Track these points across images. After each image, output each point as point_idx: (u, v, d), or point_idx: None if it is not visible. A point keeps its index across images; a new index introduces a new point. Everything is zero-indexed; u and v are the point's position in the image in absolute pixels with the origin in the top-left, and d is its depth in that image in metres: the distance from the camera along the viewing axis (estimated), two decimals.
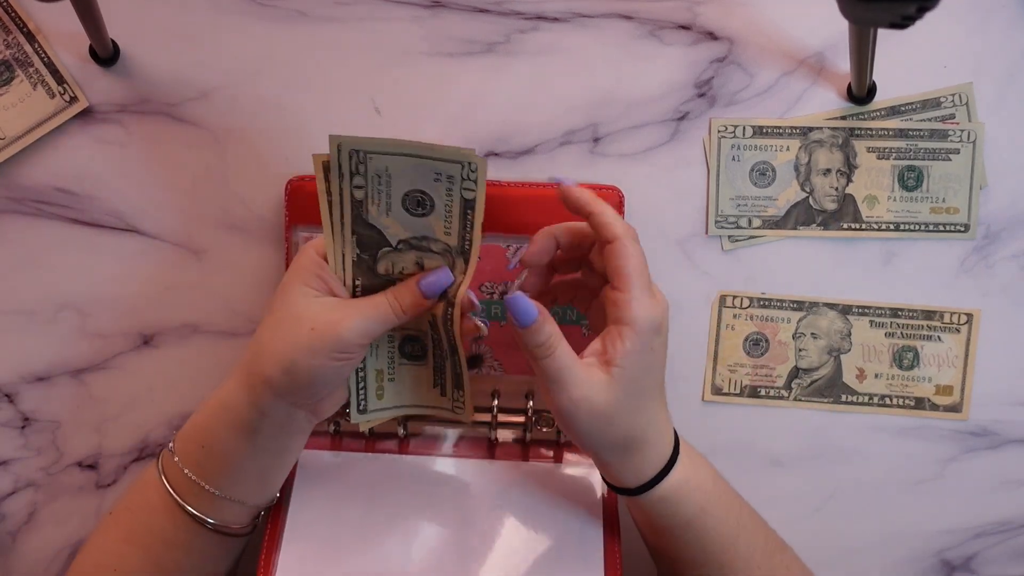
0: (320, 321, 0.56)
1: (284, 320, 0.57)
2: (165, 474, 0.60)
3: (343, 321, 0.56)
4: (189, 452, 0.60)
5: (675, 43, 0.69)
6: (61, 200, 0.70)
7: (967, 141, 0.69)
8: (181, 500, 0.60)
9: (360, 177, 0.55)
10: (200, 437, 0.60)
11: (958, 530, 0.72)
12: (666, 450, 0.59)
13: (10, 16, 0.68)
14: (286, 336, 0.57)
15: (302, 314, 0.57)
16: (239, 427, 0.59)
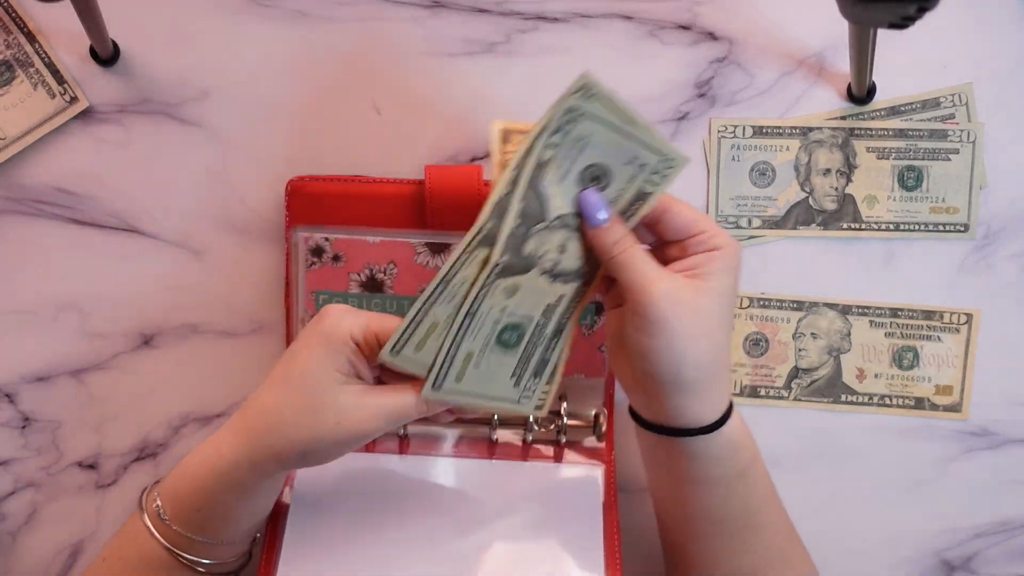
0: (347, 417, 0.55)
1: (308, 406, 0.55)
2: (157, 530, 0.58)
3: (370, 421, 0.55)
4: (183, 514, 0.58)
5: (675, 43, 0.69)
6: (61, 200, 0.70)
7: (967, 141, 0.69)
8: (179, 552, 0.58)
9: (559, 135, 0.54)
10: (195, 501, 0.58)
11: (958, 530, 0.72)
12: (720, 404, 0.57)
13: (10, 16, 0.68)
14: (310, 423, 0.55)
15: (328, 404, 0.55)
16: (239, 491, 0.58)
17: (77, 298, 0.71)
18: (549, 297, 0.57)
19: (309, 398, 0.55)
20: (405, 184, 0.68)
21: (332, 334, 0.55)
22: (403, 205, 0.67)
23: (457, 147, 0.69)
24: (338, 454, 0.57)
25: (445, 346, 0.56)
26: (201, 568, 0.59)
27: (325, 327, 0.55)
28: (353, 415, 0.55)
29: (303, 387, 0.55)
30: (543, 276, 0.56)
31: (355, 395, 0.55)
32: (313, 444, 0.56)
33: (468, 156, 0.69)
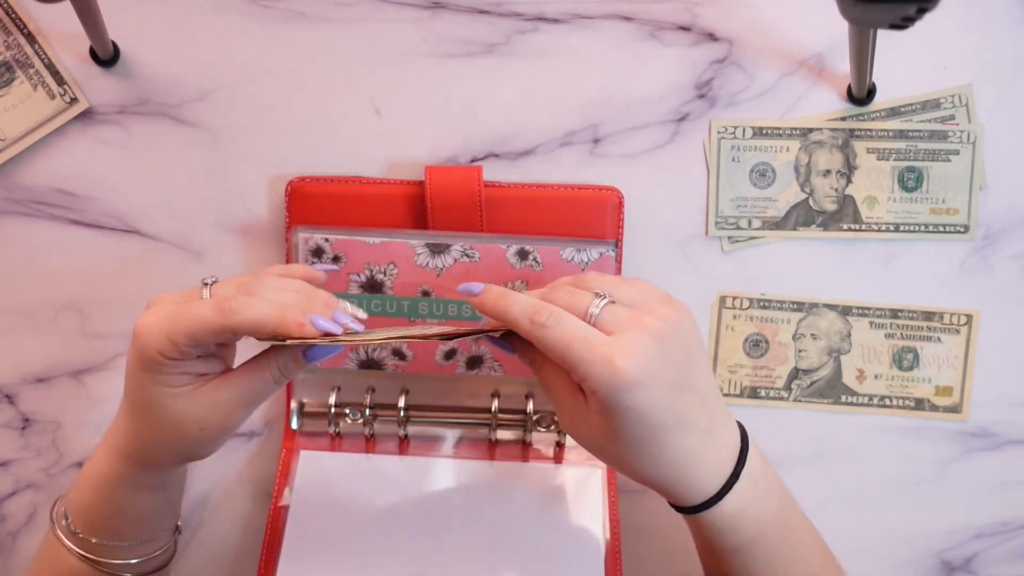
0: (208, 421, 0.55)
1: (164, 431, 0.55)
2: (73, 544, 0.59)
3: (231, 415, 0.55)
4: (96, 524, 0.58)
5: (675, 44, 0.69)
6: (61, 201, 0.70)
7: (967, 142, 0.69)
8: (100, 560, 0.59)
9: None
10: (104, 510, 0.58)
11: (958, 531, 0.72)
12: (708, 484, 0.53)
13: (10, 17, 0.68)
14: (176, 442, 0.55)
15: (182, 419, 0.54)
16: (143, 492, 0.58)
17: (77, 299, 0.71)
18: None
19: (162, 423, 0.55)
20: (405, 185, 0.68)
21: (147, 360, 0.53)
22: (403, 206, 0.67)
23: (457, 147, 0.69)
24: (217, 447, 0.57)
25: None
26: (129, 572, 0.60)
27: (137, 355, 0.53)
28: (212, 418, 0.55)
29: (151, 416, 0.55)
30: None
31: (206, 397, 0.54)
32: (187, 453, 0.56)
33: (468, 157, 0.69)
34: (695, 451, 0.52)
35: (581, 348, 0.50)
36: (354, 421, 0.69)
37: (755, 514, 0.54)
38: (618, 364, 0.49)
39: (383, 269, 0.67)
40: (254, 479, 0.72)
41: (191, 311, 0.52)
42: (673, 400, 0.51)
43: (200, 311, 0.52)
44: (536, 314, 0.52)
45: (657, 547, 0.71)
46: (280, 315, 0.52)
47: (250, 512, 0.72)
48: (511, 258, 0.66)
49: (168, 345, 0.52)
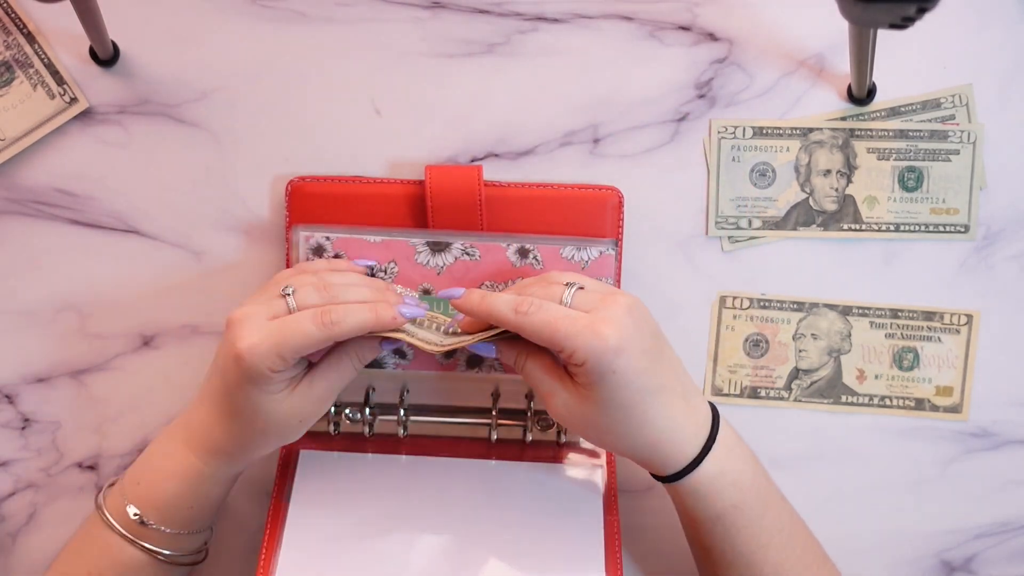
0: (307, 412, 0.61)
1: (271, 430, 0.60)
2: (137, 536, 0.62)
3: (325, 401, 0.61)
4: (174, 514, 0.62)
5: (675, 44, 0.69)
6: (61, 201, 0.70)
7: (967, 142, 0.69)
8: (161, 551, 0.62)
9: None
10: (186, 501, 0.62)
11: (958, 531, 0.72)
12: (689, 445, 0.58)
13: (10, 17, 0.68)
14: (279, 435, 0.61)
15: (286, 418, 0.60)
16: (229, 483, 0.64)
17: (77, 299, 0.71)
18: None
19: (266, 425, 0.60)
20: (406, 184, 0.68)
21: (257, 378, 0.57)
22: (404, 205, 0.67)
23: (457, 147, 0.69)
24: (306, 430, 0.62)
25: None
26: (189, 559, 0.64)
27: (246, 374, 0.57)
28: (309, 410, 0.60)
29: (256, 421, 0.60)
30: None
31: (303, 394, 0.60)
32: (284, 443, 0.62)
33: (468, 156, 0.69)
34: (675, 415, 0.58)
35: (566, 325, 0.56)
36: (354, 421, 0.69)
37: (733, 479, 0.59)
38: (602, 331, 0.55)
39: (384, 267, 0.67)
40: (254, 479, 0.72)
41: (296, 329, 0.57)
42: (652, 365, 0.57)
43: (305, 328, 0.57)
44: (519, 305, 0.57)
45: (657, 547, 0.71)
46: (375, 316, 0.58)
47: (250, 512, 0.72)
48: (511, 256, 0.66)
49: (279, 363, 0.57)
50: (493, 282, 0.67)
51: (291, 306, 0.59)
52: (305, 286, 0.60)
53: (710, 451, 0.59)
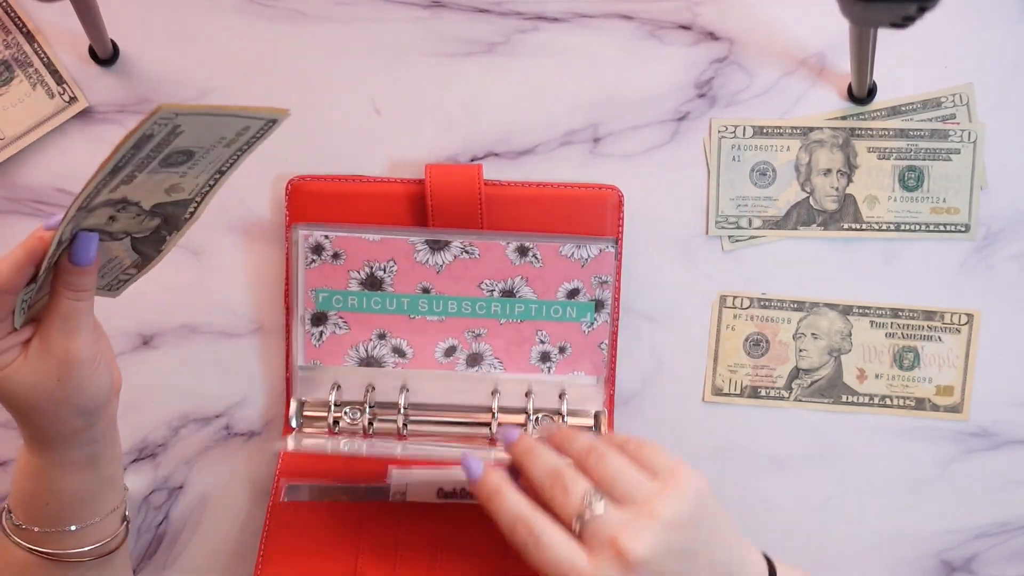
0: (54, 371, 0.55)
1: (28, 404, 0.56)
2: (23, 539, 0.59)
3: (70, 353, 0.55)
4: (38, 514, 0.59)
5: (675, 43, 0.69)
6: (61, 200, 0.70)
7: (967, 141, 0.69)
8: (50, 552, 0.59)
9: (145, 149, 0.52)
10: (39, 499, 0.59)
11: (958, 531, 0.72)
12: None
13: (9, 16, 0.68)
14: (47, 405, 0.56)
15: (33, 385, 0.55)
16: (73, 467, 0.59)
17: None
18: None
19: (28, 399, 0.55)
20: (406, 183, 0.68)
21: None
22: (404, 204, 0.67)
23: (457, 147, 0.69)
24: (98, 387, 0.57)
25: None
26: (86, 557, 0.60)
27: None
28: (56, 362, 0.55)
29: (13, 400, 0.55)
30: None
31: (39, 352, 0.55)
32: (70, 411, 0.56)
33: (468, 156, 0.69)
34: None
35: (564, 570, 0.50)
36: (353, 420, 0.69)
37: None
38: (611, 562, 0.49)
39: (383, 266, 0.67)
40: (253, 479, 0.72)
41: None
42: (690, 566, 0.50)
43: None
44: (515, 534, 0.52)
45: None
46: (21, 247, 0.52)
47: (249, 512, 0.72)
48: (511, 254, 0.66)
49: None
50: (492, 280, 0.67)
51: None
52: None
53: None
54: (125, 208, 0.54)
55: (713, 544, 0.51)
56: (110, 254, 0.57)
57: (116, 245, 0.56)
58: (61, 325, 0.55)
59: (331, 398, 0.69)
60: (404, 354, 0.68)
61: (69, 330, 0.55)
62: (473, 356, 0.68)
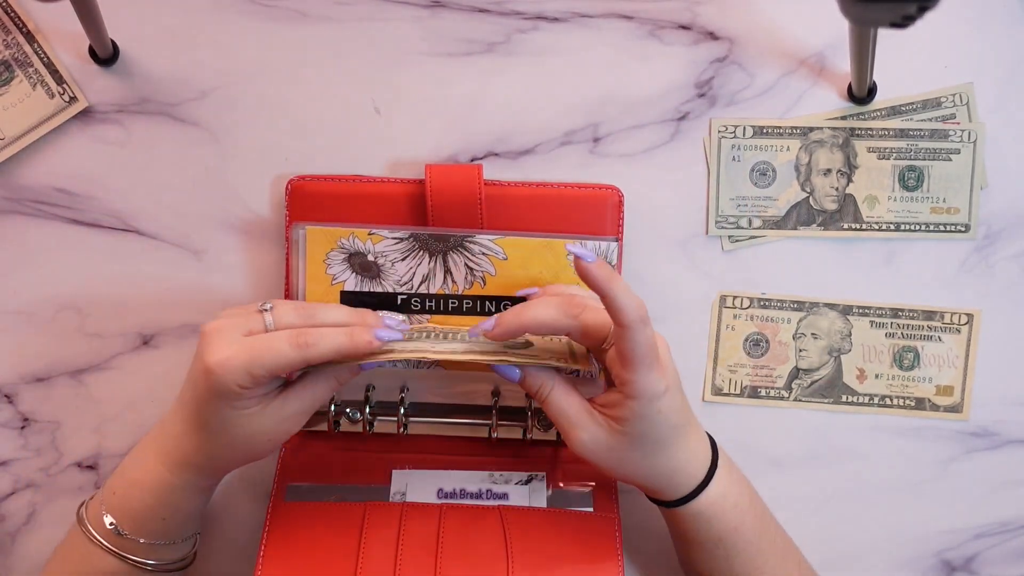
0: (278, 430, 0.59)
1: (239, 446, 0.59)
2: (114, 545, 0.62)
3: (295, 425, 0.60)
4: (147, 525, 0.62)
5: (675, 43, 0.69)
6: (60, 200, 0.70)
7: (967, 141, 0.69)
8: (141, 561, 0.62)
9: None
10: (158, 512, 0.61)
11: (958, 531, 0.72)
12: (699, 470, 0.60)
13: (10, 16, 0.68)
14: (248, 452, 0.60)
15: (256, 434, 0.59)
16: (202, 495, 0.63)
17: (76, 298, 0.70)
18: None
19: (234, 439, 0.59)
20: (406, 184, 0.68)
21: (226, 393, 0.56)
22: (404, 204, 0.67)
23: (457, 147, 0.69)
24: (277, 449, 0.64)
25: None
26: (168, 568, 0.64)
27: (215, 388, 0.56)
28: (280, 429, 0.59)
29: (224, 435, 0.58)
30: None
31: (275, 413, 0.58)
32: (252, 460, 0.61)
33: (468, 156, 0.69)
34: (692, 445, 0.60)
35: (652, 355, 0.56)
36: (354, 420, 0.69)
37: (735, 501, 0.61)
38: (665, 370, 0.57)
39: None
40: (254, 479, 0.72)
41: (270, 347, 0.56)
42: (682, 402, 0.59)
43: (279, 347, 0.56)
44: (643, 311, 0.55)
45: (657, 546, 0.71)
46: (351, 340, 0.57)
47: (250, 512, 0.72)
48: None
49: (249, 380, 0.56)
50: None
51: (268, 323, 0.57)
52: (284, 304, 0.59)
53: (714, 474, 0.60)
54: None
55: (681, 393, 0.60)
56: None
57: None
58: (308, 403, 0.59)
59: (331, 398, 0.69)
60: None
61: (307, 410, 0.60)
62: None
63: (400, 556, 0.62)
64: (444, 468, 0.68)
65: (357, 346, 0.57)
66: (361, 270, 0.66)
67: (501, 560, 0.62)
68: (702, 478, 0.60)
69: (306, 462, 0.69)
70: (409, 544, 0.63)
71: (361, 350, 0.57)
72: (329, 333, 0.56)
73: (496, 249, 0.65)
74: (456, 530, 0.63)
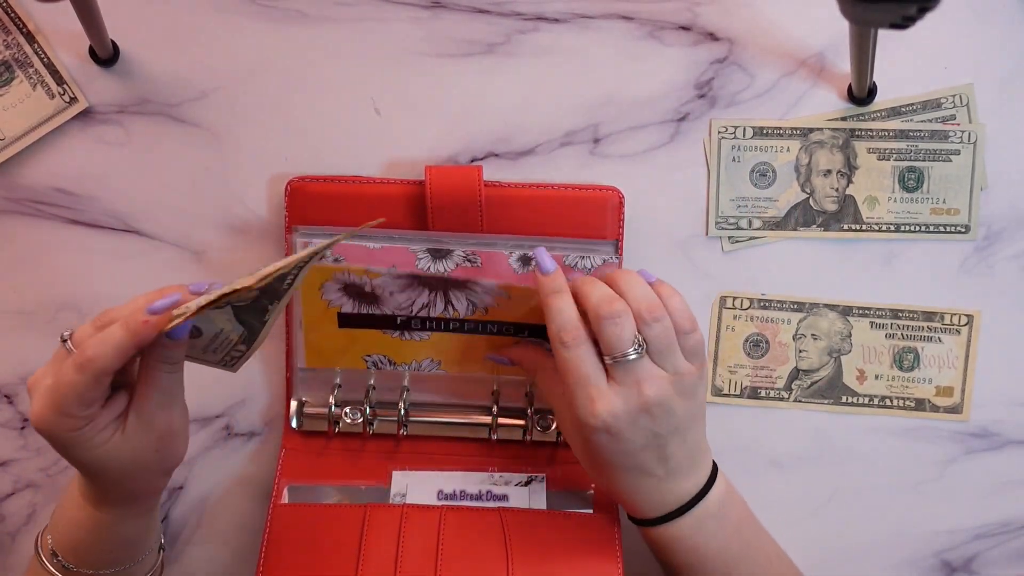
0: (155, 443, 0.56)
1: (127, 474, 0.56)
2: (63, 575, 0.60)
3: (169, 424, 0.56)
4: (92, 557, 0.60)
5: (675, 44, 0.69)
6: (61, 200, 0.70)
7: (967, 142, 0.69)
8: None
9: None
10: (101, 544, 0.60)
11: (958, 531, 0.72)
12: (653, 512, 0.61)
13: (10, 16, 0.68)
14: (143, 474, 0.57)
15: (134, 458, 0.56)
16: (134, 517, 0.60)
17: (77, 298, 0.71)
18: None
19: (120, 473, 0.56)
20: (406, 185, 0.68)
21: (67, 442, 0.54)
22: (403, 205, 0.67)
23: (457, 147, 0.69)
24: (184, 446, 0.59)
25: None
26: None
27: (56, 444, 0.54)
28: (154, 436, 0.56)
29: (106, 474, 0.56)
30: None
31: (137, 428, 0.55)
32: (160, 474, 0.59)
33: (468, 156, 0.69)
34: (642, 489, 0.60)
35: (575, 382, 0.58)
36: (354, 420, 0.69)
37: (693, 545, 0.61)
38: (597, 408, 0.57)
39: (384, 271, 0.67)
40: (254, 479, 0.72)
41: (65, 381, 0.52)
42: (633, 452, 0.59)
43: (70, 378, 0.52)
44: (562, 333, 0.58)
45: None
46: (126, 330, 0.52)
47: (250, 512, 0.72)
48: (513, 264, 0.66)
49: (69, 421, 0.53)
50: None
51: (70, 351, 0.54)
52: (85, 324, 0.55)
53: (672, 520, 0.60)
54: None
55: (695, 423, 0.61)
56: (215, 327, 0.57)
57: (218, 315, 0.57)
58: (160, 398, 0.55)
59: (331, 398, 0.69)
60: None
61: (168, 403, 0.56)
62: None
63: (400, 559, 0.62)
64: (444, 469, 0.68)
65: (137, 333, 0.52)
66: (359, 297, 0.66)
67: (501, 561, 0.62)
68: (655, 517, 0.61)
69: (306, 463, 0.69)
70: (409, 547, 0.63)
71: (141, 334, 0.52)
72: (107, 335, 0.52)
73: (499, 292, 0.65)
74: (456, 532, 0.63)
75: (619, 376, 0.58)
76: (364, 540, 0.63)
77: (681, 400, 0.59)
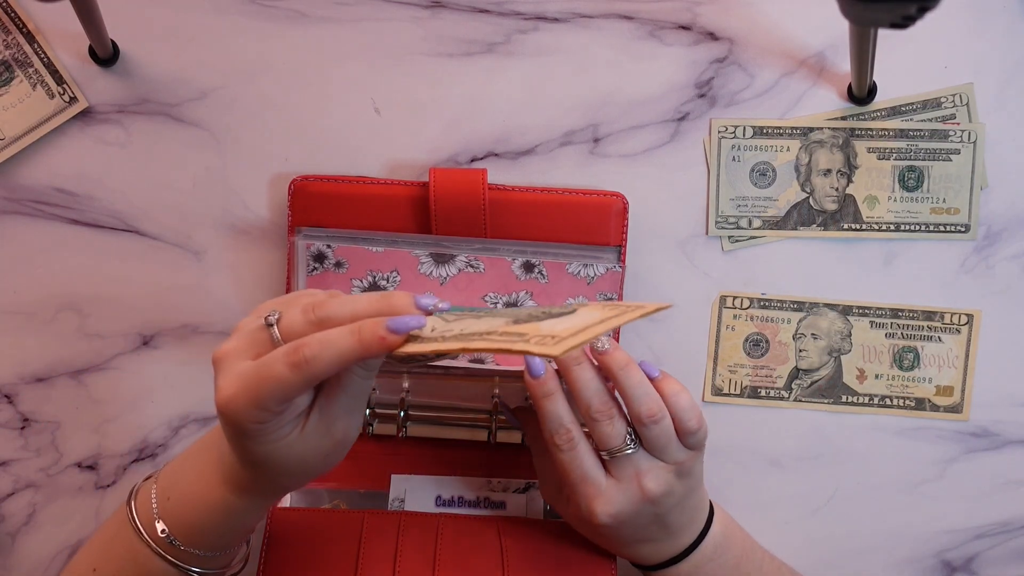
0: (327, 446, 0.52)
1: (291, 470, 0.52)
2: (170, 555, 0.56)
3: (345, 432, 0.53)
4: (204, 539, 0.56)
5: (675, 43, 0.69)
6: (61, 200, 0.70)
7: (967, 141, 0.69)
8: (192, 569, 0.57)
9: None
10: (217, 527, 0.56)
11: (958, 531, 0.72)
12: (651, 561, 0.62)
13: (10, 16, 0.68)
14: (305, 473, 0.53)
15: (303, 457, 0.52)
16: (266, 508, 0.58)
17: (77, 298, 0.70)
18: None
19: (285, 468, 0.52)
20: (409, 186, 0.67)
21: (245, 431, 0.50)
22: (406, 207, 0.67)
23: (457, 148, 0.69)
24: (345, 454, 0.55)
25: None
26: (233, 570, 0.60)
27: (233, 429, 0.50)
28: (328, 442, 0.52)
29: (271, 467, 0.52)
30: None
31: (315, 430, 0.51)
32: (324, 471, 0.54)
33: (468, 157, 0.69)
34: (642, 552, 0.62)
35: (575, 480, 0.59)
36: None
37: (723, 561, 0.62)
38: (595, 509, 0.58)
39: (386, 276, 0.67)
40: None
41: (270, 375, 0.48)
42: (634, 533, 0.60)
43: (278, 372, 0.47)
44: (556, 435, 0.59)
45: None
46: (358, 340, 0.47)
47: None
48: (516, 270, 0.66)
49: (261, 414, 0.49)
50: (496, 293, 0.67)
51: (276, 339, 0.49)
52: (292, 308, 0.50)
53: (666, 568, 0.62)
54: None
55: (694, 491, 0.61)
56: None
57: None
58: (347, 402, 0.51)
59: None
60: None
61: (353, 408, 0.52)
62: (474, 358, 0.68)
63: (398, 568, 0.62)
64: (442, 473, 0.68)
65: (370, 348, 0.47)
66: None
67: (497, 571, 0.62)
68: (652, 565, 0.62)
69: None
70: (407, 556, 0.62)
71: (374, 351, 0.47)
72: (332, 338, 0.47)
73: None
74: (454, 540, 0.63)
75: (617, 471, 0.59)
76: (362, 548, 0.63)
77: (681, 481, 0.59)
